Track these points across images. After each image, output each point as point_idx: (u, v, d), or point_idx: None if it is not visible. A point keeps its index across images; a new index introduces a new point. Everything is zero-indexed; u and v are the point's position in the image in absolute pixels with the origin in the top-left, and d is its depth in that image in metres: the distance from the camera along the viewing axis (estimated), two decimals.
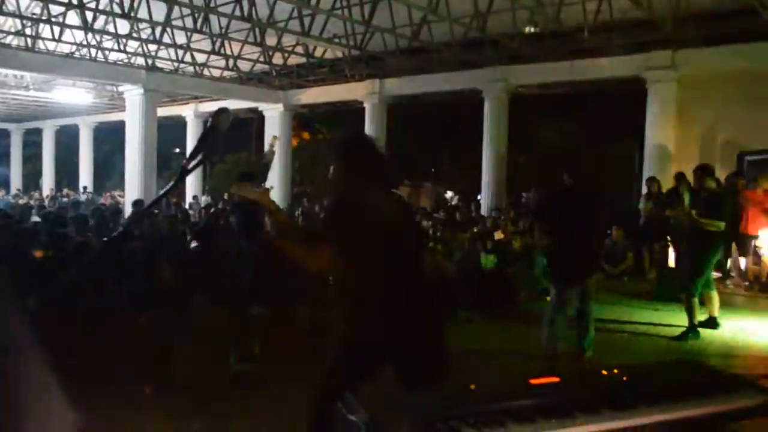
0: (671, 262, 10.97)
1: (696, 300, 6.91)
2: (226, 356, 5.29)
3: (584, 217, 5.77)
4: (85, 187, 24.73)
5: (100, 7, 11.96)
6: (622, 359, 6.09)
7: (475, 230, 10.97)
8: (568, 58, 13.33)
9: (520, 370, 5.78)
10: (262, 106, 20.50)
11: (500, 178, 15.77)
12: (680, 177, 10.97)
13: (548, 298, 9.09)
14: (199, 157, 2.40)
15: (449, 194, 22.80)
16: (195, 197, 21.58)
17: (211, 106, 21.65)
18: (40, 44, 14.76)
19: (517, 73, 15.09)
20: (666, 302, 8.67)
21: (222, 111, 2.34)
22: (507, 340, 6.99)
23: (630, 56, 12.93)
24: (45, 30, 13.83)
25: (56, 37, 13.81)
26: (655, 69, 12.98)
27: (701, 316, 7.10)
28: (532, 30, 10.26)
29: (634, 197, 12.93)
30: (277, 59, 16.03)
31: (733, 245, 10.21)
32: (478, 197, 16.89)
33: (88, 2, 11.61)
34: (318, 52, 15.56)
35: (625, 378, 1.95)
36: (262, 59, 15.98)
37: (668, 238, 10.94)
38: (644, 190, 12.32)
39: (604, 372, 1.97)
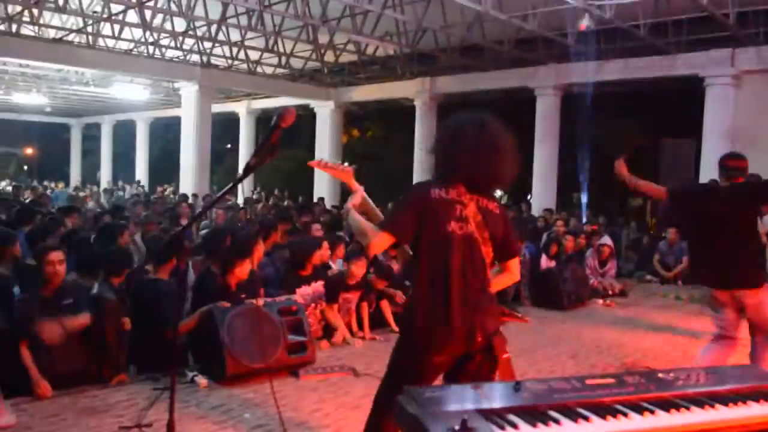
0: None
1: None
2: None
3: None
4: (138, 181, 25.37)
5: (158, 5, 12.25)
6: (678, 365, 5.96)
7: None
8: (624, 56, 13.08)
9: (575, 369, 5.73)
10: (313, 103, 20.70)
11: (551, 177, 15.59)
12: None
13: (606, 301, 9.03)
14: (261, 155, 2.45)
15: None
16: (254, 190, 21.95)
17: (264, 103, 21.97)
18: (101, 42, 15.22)
19: (570, 71, 14.87)
20: None
21: (287, 110, 2.39)
22: (561, 339, 6.93)
23: (687, 54, 12.63)
24: (105, 28, 14.26)
25: (116, 34, 14.22)
26: (714, 67, 12.65)
27: None
28: (587, 24, 10.05)
29: None
30: (329, 57, 16.16)
31: None
32: (529, 197, 16.72)
33: (147, 1, 11.90)
34: (369, 50, 15.62)
35: (680, 381, 1.92)
36: (314, 57, 16.12)
37: None
38: None
39: (660, 375, 1.94)
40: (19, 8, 12.69)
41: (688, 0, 9.73)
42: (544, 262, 9.19)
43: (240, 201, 19.41)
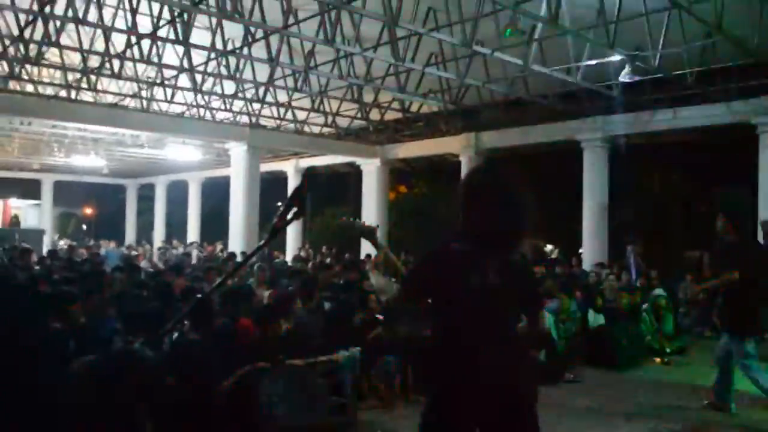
0: None
1: None
2: None
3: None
4: (193, 243, 25.79)
5: (209, 69, 12.66)
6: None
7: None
8: (671, 105, 12.87)
9: None
10: (359, 161, 20.89)
11: (602, 230, 15.25)
12: None
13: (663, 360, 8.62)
14: (289, 217, 2.42)
15: (549, 247, 22.22)
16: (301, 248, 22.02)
17: (311, 161, 22.30)
18: (154, 105, 15.78)
19: (617, 122, 14.68)
20: None
21: (310, 172, 2.36)
22: (616, 400, 6.61)
23: (737, 101, 12.34)
24: (159, 92, 14.79)
25: (169, 98, 14.72)
26: (766, 114, 12.31)
27: None
28: (630, 75, 9.91)
29: None
30: (374, 115, 16.35)
31: None
32: (580, 251, 16.35)
33: (198, 65, 12.31)
34: (414, 107, 15.76)
35: None
36: (359, 115, 16.34)
37: None
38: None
39: None
40: (78, 75, 13.29)
41: (736, 47, 9.53)
42: (592, 316, 8.88)
43: (288, 259, 19.60)
